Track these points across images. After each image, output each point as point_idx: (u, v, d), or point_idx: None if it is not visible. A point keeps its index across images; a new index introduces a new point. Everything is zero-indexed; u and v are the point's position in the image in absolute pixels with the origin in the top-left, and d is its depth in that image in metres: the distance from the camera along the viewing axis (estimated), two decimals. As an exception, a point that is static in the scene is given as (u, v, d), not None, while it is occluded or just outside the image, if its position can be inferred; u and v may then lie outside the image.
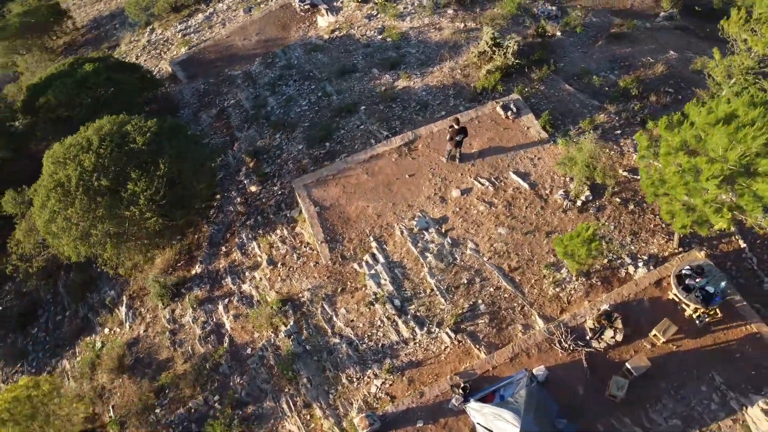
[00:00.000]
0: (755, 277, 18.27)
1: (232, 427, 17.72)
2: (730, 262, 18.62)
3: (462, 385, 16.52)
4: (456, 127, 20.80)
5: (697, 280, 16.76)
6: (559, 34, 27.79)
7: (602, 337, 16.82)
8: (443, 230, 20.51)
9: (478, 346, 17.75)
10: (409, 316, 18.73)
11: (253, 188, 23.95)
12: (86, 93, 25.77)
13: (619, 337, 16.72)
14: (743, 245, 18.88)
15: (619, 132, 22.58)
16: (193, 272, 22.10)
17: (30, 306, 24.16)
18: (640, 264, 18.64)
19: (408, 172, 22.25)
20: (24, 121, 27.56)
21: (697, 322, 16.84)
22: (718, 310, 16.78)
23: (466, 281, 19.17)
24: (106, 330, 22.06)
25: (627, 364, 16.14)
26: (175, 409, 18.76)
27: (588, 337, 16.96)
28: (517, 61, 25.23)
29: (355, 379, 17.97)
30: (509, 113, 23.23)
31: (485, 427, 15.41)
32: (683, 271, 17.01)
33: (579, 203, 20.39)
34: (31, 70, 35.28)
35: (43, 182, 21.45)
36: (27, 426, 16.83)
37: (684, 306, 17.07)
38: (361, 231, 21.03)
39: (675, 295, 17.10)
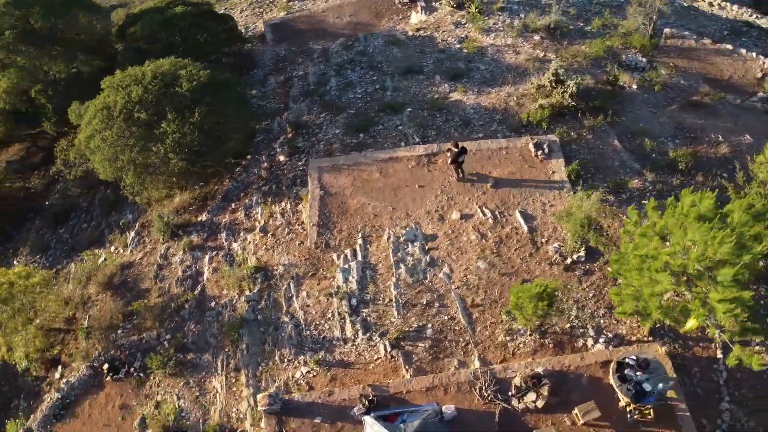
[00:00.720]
0: (717, 392, 16.95)
1: (168, 366, 18.93)
2: (697, 368, 17.37)
3: (370, 397, 16.72)
4: (455, 150, 20.68)
5: (638, 373, 15.85)
6: (634, 87, 26.48)
7: (524, 398, 16.37)
8: (427, 248, 20.54)
9: (407, 367, 17.82)
10: (358, 318, 19.06)
11: (281, 158, 24.96)
12: (169, 31, 27.74)
13: (540, 404, 16.21)
14: (720, 356, 17.51)
15: (644, 202, 21.38)
16: (199, 219, 23.52)
17: (67, 208, 26.72)
18: (602, 340, 17.84)
19: (419, 183, 22.36)
20: (117, 45, 30.14)
21: (628, 416, 15.97)
22: (652, 411, 15.80)
23: (425, 302, 19.19)
24: (112, 248, 24.04)
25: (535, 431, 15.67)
26: (131, 335, 20.29)
27: (510, 393, 16.56)
28: (573, 102, 24.41)
29: (286, 360, 18.62)
30: (540, 152, 22.65)
31: (372, 444, 15.61)
32: (627, 360, 16.14)
33: (569, 261, 19.68)
34: (142, 1, 38.25)
35: (95, 102, 23.56)
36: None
37: (620, 396, 16.22)
38: (353, 225, 21.48)
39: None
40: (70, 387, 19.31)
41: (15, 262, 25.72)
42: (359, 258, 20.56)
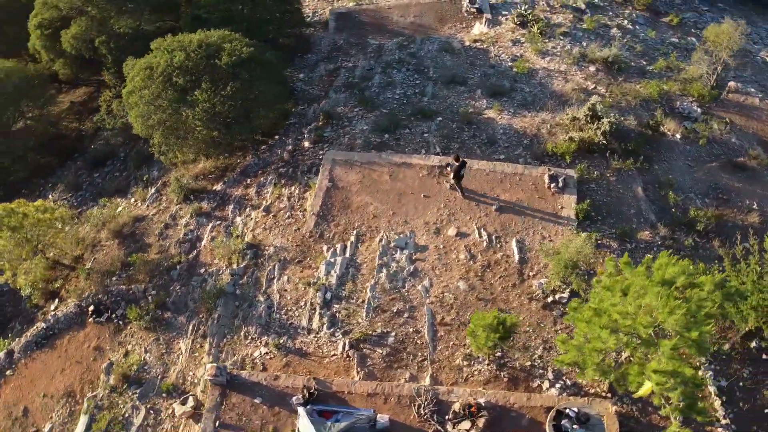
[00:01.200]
0: (664, 463, 16.26)
1: (144, 319, 19.91)
2: (649, 434, 16.72)
3: (312, 390, 17.04)
4: (456, 163, 20.63)
5: (575, 426, 15.43)
6: (678, 136, 25.39)
7: (459, 425, 16.28)
8: (413, 258, 20.60)
9: (359, 369, 18.02)
10: (328, 312, 19.39)
11: (306, 144, 25.52)
12: (231, 3, 28.63)
13: (472, 434, 16.07)
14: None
15: (649, 255, 20.59)
16: (214, 188, 24.44)
17: (105, 155, 28.31)
18: (558, 386, 17.45)
19: (425, 192, 22.40)
20: (186, 10, 31.44)
21: (556, 466, 15.61)
22: (580, 467, 15.37)
23: (395, 310, 19.30)
24: (132, 199, 25.36)
25: (458, 460, 15.57)
26: (122, 283, 21.43)
27: (447, 417, 16.49)
28: (604, 141, 23.71)
29: (250, 337, 19.21)
30: (554, 185, 22.19)
31: (299, 435, 15.98)
32: (568, 410, 15.74)
33: (549, 299, 19.29)
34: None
35: (142, 60, 24.83)
36: (5, 233, 20.34)
37: (556, 444, 15.85)
38: (350, 222, 21.79)
39: (551, 428, 15.93)
40: (56, 320, 20.62)
41: (50, 196, 27.54)
42: (347, 255, 20.85)
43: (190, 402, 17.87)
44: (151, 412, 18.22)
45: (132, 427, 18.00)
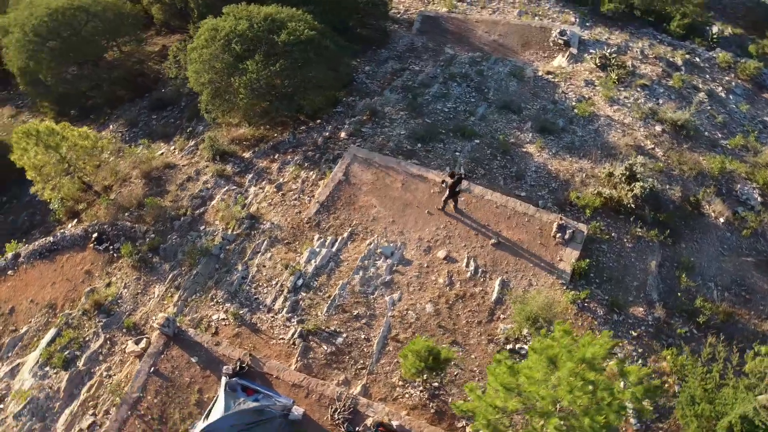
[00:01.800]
0: None
1: (132, 258, 21.21)
2: None
3: (244, 364, 17.59)
4: (451, 180, 20.40)
5: (471, 476, 15.04)
6: (721, 220, 23.69)
7: (364, 439, 16.29)
8: (393, 269, 20.64)
9: (299, 359, 18.39)
10: (292, 297, 19.86)
11: (342, 134, 25.99)
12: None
13: (369, 454, 16.05)
14: None
15: (632, 332, 19.59)
16: (243, 154, 25.45)
17: (168, 101, 30.10)
18: None
19: (429, 209, 22.29)
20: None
21: None
22: None
23: (355, 314, 19.46)
24: (172, 147, 26.90)
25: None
26: (129, 220, 22.87)
27: (357, 429, 16.54)
28: (632, 204, 22.57)
29: (215, 301, 20.02)
30: (560, 235, 21.43)
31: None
32: (469, 458, 15.34)
33: (509, 347, 18.78)
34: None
35: (211, 21, 26.17)
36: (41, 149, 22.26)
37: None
38: (349, 218, 22.10)
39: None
40: (63, 237, 22.38)
41: (111, 126, 29.72)
42: (333, 248, 21.18)
43: (143, 343, 18.90)
44: (108, 342, 19.45)
45: (87, 351, 19.31)
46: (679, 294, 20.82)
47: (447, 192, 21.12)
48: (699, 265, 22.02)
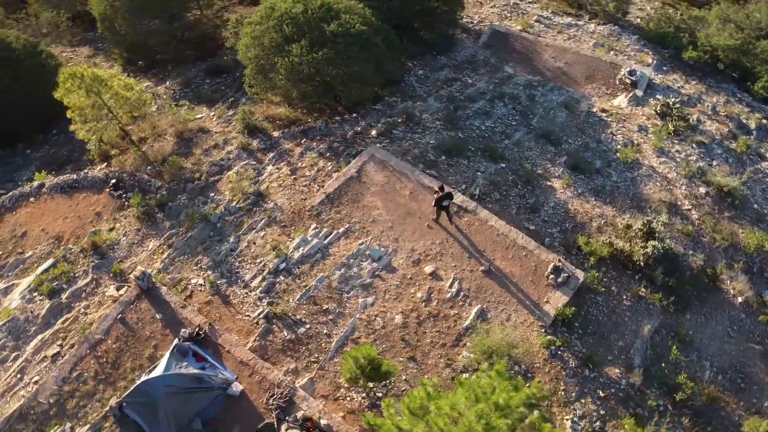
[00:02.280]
0: None
1: (138, 209, 22.21)
2: None
3: (201, 332, 18.11)
4: (441, 193, 20.12)
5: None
6: (739, 299, 22.17)
7: (290, 429, 16.45)
8: (376, 273, 20.61)
9: (257, 339, 18.75)
10: (272, 278, 20.22)
11: (373, 132, 26.09)
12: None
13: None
14: None
15: (601, 393, 18.76)
16: (272, 133, 26.03)
17: (224, 68, 31.12)
18: (411, 454, 16.76)
19: (430, 222, 22.08)
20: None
21: None
22: None
23: (325, 308, 19.62)
24: (212, 113, 27.85)
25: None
26: (147, 173, 23.91)
27: (287, 418, 16.74)
28: (641, 262, 21.51)
29: (200, 268, 20.66)
30: (553, 276, 20.73)
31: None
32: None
33: (465, 375, 18.40)
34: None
35: (270, 0, 26.83)
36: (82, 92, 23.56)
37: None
38: (350, 214, 22.23)
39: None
40: (85, 177, 23.71)
41: (167, 82, 31.06)
42: (324, 240, 21.38)
43: (122, 291, 19.80)
44: (94, 282, 20.50)
45: (73, 286, 20.44)
46: (664, 365, 19.66)
47: (434, 202, 20.92)
48: (699, 341, 20.73)
